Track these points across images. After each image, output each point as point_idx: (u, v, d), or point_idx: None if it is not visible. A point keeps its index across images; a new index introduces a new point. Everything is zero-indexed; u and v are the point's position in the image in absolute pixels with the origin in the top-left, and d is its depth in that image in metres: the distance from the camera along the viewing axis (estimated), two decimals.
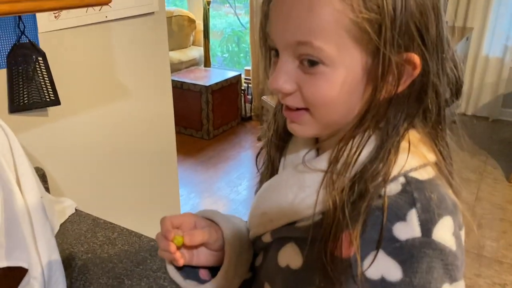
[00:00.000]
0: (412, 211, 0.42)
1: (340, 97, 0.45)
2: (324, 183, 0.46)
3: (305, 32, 0.43)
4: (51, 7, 0.66)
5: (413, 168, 0.45)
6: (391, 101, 0.45)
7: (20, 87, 1.02)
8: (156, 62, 1.39)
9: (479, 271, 2.06)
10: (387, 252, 0.42)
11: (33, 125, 1.08)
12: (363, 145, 0.45)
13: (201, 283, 0.57)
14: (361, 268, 0.42)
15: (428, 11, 0.42)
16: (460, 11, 3.56)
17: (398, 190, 0.43)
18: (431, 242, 0.41)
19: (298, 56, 0.45)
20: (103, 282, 0.83)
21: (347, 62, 0.43)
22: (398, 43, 0.42)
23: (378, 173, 0.44)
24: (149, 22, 1.32)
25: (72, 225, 1.01)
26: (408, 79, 0.44)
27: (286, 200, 0.50)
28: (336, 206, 0.44)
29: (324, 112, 0.46)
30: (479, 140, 3.35)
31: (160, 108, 1.45)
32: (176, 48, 3.84)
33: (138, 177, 1.41)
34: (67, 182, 1.17)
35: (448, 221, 0.43)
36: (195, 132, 3.51)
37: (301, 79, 0.45)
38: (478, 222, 2.42)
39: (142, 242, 0.95)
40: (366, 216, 0.43)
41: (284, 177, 0.52)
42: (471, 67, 3.67)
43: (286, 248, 0.52)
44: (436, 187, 0.44)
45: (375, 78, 0.43)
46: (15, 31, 0.98)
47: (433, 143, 0.48)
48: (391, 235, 0.42)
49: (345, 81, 0.44)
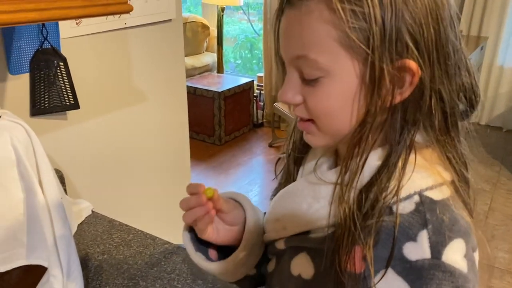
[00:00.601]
0: (423, 232, 0.42)
1: (340, 106, 0.46)
2: (334, 195, 0.47)
3: (301, 46, 0.45)
4: (77, 15, 0.68)
5: (429, 187, 0.45)
6: (394, 109, 0.45)
7: (41, 91, 1.05)
8: (172, 68, 1.42)
9: (491, 282, 2.03)
10: (397, 272, 0.42)
11: (52, 128, 1.11)
12: (367, 155, 0.45)
13: (210, 260, 0.59)
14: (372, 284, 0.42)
15: (423, 17, 0.43)
16: (475, 21, 3.55)
17: (412, 209, 0.43)
18: (441, 264, 0.41)
19: (299, 70, 0.47)
20: (118, 283, 0.85)
21: (342, 72, 0.44)
22: (389, 51, 0.42)
23: (387, 184, 0.44)
24: (166, 29, 1.35)
25: (89, 227, 1.04)
26: (410, 87, 0.44)
27: (300, 209, 0.50)
28: (347, 218, 0.45)
29: (326, 122, 0.48)
30: (492, 150, 3.32)
31: (175, 114, 1.48)
32: (190, 54, 3.89)
33: (152, 180, 1.44)
34: (84, 185, 1.20)
35: (459, 244, 0.43)
36: (207, 138, 3.54)
37: (305, 91, 0.47)
38: (491, 233, 2.40)
39: (157, 244, 0.97)
40: (377, 230, 0.43)
41: (300, 186, 0.53)
42: (486, 76, 3.64)
43: (299, 257, 0.52)
44: (450, 208, 0.44)
45: (370, 86, 0.44)
46: (38, 37, 1.01)
47: (443, 152, 0.47)
48: (401, 254, 0.42)
49: (342, 90, 0.45)
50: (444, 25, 0.44)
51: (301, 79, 0.47)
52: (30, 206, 0.71)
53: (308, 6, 0.43)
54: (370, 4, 0.41)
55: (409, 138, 0.45)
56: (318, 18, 0.43)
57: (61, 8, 0.66)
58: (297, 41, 0.45)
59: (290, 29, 0.46)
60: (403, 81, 0.44)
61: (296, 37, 0.45)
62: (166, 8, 1.31)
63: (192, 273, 0.88)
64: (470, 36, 3.53)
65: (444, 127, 0.47)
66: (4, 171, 0.68)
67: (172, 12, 1.34)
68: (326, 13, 0.42)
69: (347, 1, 0.42)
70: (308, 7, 0.43)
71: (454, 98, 0.46)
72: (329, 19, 0.42)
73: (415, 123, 0.45)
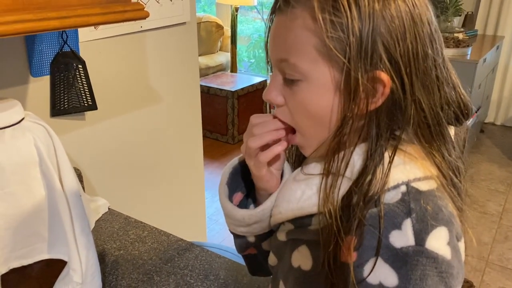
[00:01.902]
0: (407, 220, 0.44)
1: (317, 111, 0.49)
2: (320, 195, 0.49)
3: (284, 50, 0.49)
4: (96, 22, 0.72)
5: (417, 178, 0.47)
6: (370, 116, 0.48)
7: (61, 93, 1.09)
8: (186, 69, 1.46)
9: (504, 284, 2.02)
10: (384, 259, 0.44)
11: (71, 128, 1.15)
12: (347, 158, 0.48)
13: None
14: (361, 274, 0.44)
15: (400, 32, 0.45)
16: (491, 20, 3.50)
17: (397, 198, 0.46)
18: (424, 250, 0.43)
19: (282, 73, 0.51)
20: (133, 277, 0.89)
21: (319, 78, 0.47)
22: (364, 62, 0.45)
23: (370, 184, 0.46)
24: (180, 31, 1.38)
25: (105, 223, 1.07)
26: (382, 97, 0.47)
27: (295, 195, 0.53)
28: (331, 215, 0.47)
29: (306, 126, 0.51)
30: (508, 151, 3.28)
31: (188, 114, 1.51)
32: (204, 53, 3.92)
33: (166, 179, 1.47)
34: (100, 182, 1.24)
35: (442, 232, 0.45)
36: (221, 136, 3.57)
37: (286, 93, 0.51)
38: (505, 234, 2.38)
39: (171, 241, 1.00)
40: (362, 223, 0.45)
41: (296, 176, 0.56)
42: (501, 76, 3.59)
43: (299, 249, 0.55)
44: (434, 198, 0.46)
45: (346, 94, 0.47)
46: (58, 41, 1.05)
47: (431, 158, 0.49)
48: (388, 242, 0.44)
49: (319, 95, 0.48)
50: (422, 42, 0.46)
51: (284, 81, 0.51)
52: (52, 203, 0.75)
53: (294, 13, 0.47)
54: (349, 16, 0.44)
55: (386, 143, 0.48)
56: (301, 25, 0.47)
57: (81, 16, 0.70)
58: (281, 45, 0.49)
59: (277, 33, 0.50)
60: (376, 90, 0.46)
61: (281, 41, 0.49)
62: (181, 11, 1.34)
63: (204, 269, 0.91)
64: (486, 36, 3.49)
65: (428, 135, 0.49)
66: (27, 170, 0.72)
67: (186, 15, 1.37)
68: (309, 21, 0.46)
69: (328, 12, 0.45)
70: (294, 14, 0.47)
71: (436, 109, 0.49)
72: (310, 27, 0.46)
73: (388, 130, 0.48)
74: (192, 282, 0.87)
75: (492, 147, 3.37)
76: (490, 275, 2.08)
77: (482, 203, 2.63)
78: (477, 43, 3.19)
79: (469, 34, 3.10)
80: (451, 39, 2.87)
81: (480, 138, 3.48)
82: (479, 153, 3.22)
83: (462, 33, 3.06)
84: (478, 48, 3.04)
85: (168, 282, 0.88)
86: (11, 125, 0.72)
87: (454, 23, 3.17)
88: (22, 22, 0.63)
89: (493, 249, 2.26)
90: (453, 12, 3.09)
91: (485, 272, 2.10)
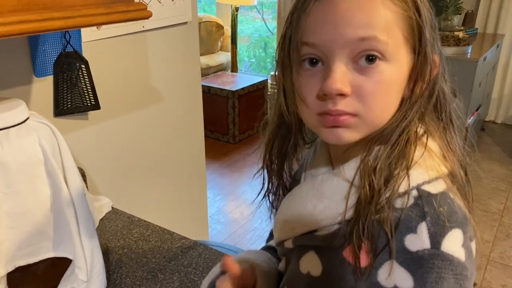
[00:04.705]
0: (422, 224, 0.44)
1: (393, 96, 0.48)
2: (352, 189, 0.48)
3: (370, 28, 0.45)
4: (99, 22, 0.72)
5: (426, 181, 0.47)
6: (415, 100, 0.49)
7: (64, 93, 1.10)
8: (188, 69, 1.46)
9: (506, 281, 2.03)
10: (399, 262, 0.44)
11: (74, 128, 1.15)
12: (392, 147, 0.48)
13: None
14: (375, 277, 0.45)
15: (433, 19, 0.49)
16: (491, 18, 3.50)
17: (411, 203, 0.46)
18: (440, 253, 0.43)
19: (356, 55, 0.46)
20: (138, 275, 0.89)
21: (401, 60, 0.47)
22: (431, 43, 0.47)
23: (397, 165, 0.47)
24: (182, 31, 1.39)
25: (109, 222, 1.08)
26: (429, 80, 0.49)
27: (306, 210, 0.52)
28: (359, 212, 0.47)
29: (376, 109, 0.47)
30: (508, 149, 3.28)
31: (190, 113, 1.52)
32: (205, 53, 3.93)
33: (168, 178, 1.48)
34: (104, 182, 1.25)
35: (457, 234, 0.45)
36: (221, 136, 3.58)
37: (357, 80, 0.46)
38: (506, 232, 2.38)
39: (174, 239, 1.01)
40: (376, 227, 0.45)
41: (304, 189, 0.55)
42: (502, 74, 3.60)
43: (307, 255, 0.54)
44: (447, 200, 0.46)
45: (415, 77, 0.48)
46: (61, 41, 1.06)
47: (446, 143, 0.50)
48: (403, 246, 0.44)
49: (398, 78, 0.48)
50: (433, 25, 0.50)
51: (352, 68, 0.46)
52: (56, 202, 0.75)
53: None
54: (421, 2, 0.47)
55: (415, 126, 0.49)
56: (387, 5, 0.46)
57: (85, 16, 0.70)
58: (364, 23, 0.45)
59: (352, 11, 0.45)
60: (429, 74, 0.49)
61: (362, 19, 0.45)
62: (183, 11, 1.35)
63: (208, 266, 0.92)
64: (486, 34, 3.50)
65: (447, 121, 0.51)
66: (32, 169, 0.72)
67: (188, 14, 1.38)
68: (392, 3, 0.46)
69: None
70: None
71: (449, 98, 0.51)
72: (396, 9, 0.46)
73: (422, 115, 0.49)
74: (196, 279, 0.88)
75: (493, 145, 3.37)
76: (492, 273, 2.08)
77: (484, 201, 2.63)
78: (477, 41, 3.19)
79: (469, 33, 3.10)
80: (451, 37, 2.87)
81: (481, 136, 3.48)
82: (480, 151, 3.23)
83: (462, 31, 3.06)
84: (479, 47, 3.04)
85: (172, 280, 0.88)
86: (16, 124, 0.73)
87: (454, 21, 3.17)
88: (26, 23, 0.64)
89: (494, 247, 2.26)
90: (453, 10, 3.09)
91: (487, 269, 2.10)
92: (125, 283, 0.87)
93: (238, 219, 2.56)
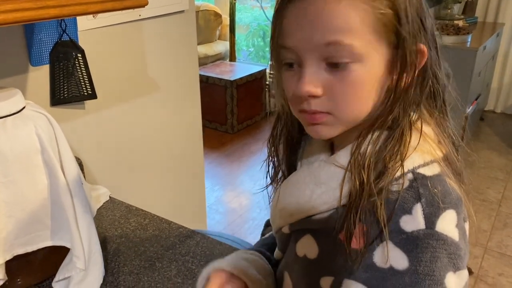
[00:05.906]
0: (417, 205, 0.45)
1: (367, 91, 0.48)
2: (346, 177, 0.49)
3: (334, 32, 0.45)
4: (95, 10, 0.72)
5: (421, 164, 0.48)
6: (402, 90, 0.49)
7: (61, 82, 1.09)
8: (185, 58, 1.45)
9: (503, 270, 2.05)
10: (395, 243, 0.45)
11: (71, 117, 1.15)
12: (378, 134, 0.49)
13: None
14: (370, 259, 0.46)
15: (423, 3, 0.48)
16: (491, 7, 3.48)
17: (406, 185, 0.47)
18: (434, 233, 0.44)
19: (326, 58, 0.47)
20: (135, 264, 0.90)
21: (373, 57, 0.47)
22: (413, 34, 0.46)
23: (395, 152, 0.47)
24: (179, 19, 1.38)
25: (107, 211, 1.08)
26: (417, 69, 0.48)
27: (304, 196, 0.53)
28: (354, 196, 0.47)
29: (349, 109, 0.48)
30: (507, 139, 3.29)
31: (188, 103, 1.51)
32: (203, 42, 3.91)
33: (166, 168, 1.48)
34: (101, 171, 1.25)
35: (451, 214, 0.46)
36: (220, 126, 3.57)
37: (328, 81, 0.47)
38: (504, 222, 2.40)
39: (172, 228, 1.01)
40: (371, 209, 0.46)
41: (301, 175, 0.56)
42: (502, 63, 3.59)
43: (303, 239, 0.55)
44: (441, 182, 0.47)
45: (395, 71, 0.47)
46: (57, 30, 1.05)
47: (442, 129, 0.51)
48: (399, 227, 0.45)
49: (371, 75, 0.47)
50: (431, 16, 0.49)
51: (324, 69, 0.47)
52: (54, 191, 0.75)
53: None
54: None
55: (412, 114, 0.49)
56: (352, 4, 0.45)
57: (80, 4, 0.70)
58: (329, 27, 0.45)
59: (319, 15, 0.46)
60: (419, 63, 0.48)
61: (328, 23, 0.45)
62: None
63: (206, 255, 0.92)
64: (486, 23, 3.48)
65: (441, 107, 0.52)
66: (29, 158, 0.72)
67: (185, 3, 1.36)
68: (360, 1, 0.45)
69: None
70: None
71: (445, 81, 0.51)
72: (363, 6, 0.45)
73: (417, 101, 0.49)
74: (193, 268, 0.88)
75: (492, 134, 3.38)
76: (489, 262, 2.10)
77: (482, 191, 2.64)
78: (477, 30, 3.18)
79: (469, 21, 3.08)
80: (451, 26, 2.85)
81: (480, 126, 3.49)
82: (479, 141, 3.23)
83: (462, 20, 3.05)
84: (478, 36, 3.03)
85: (170, 268, 0.89)
86: (12, 114, 0.72)
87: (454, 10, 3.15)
88: (21, 11, 0.63)
89: (492, 236, 2.28)
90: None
91: (484, 258, 2.12)
92: (123, 272, 0.88)
93: (237, 208, 2.57)
